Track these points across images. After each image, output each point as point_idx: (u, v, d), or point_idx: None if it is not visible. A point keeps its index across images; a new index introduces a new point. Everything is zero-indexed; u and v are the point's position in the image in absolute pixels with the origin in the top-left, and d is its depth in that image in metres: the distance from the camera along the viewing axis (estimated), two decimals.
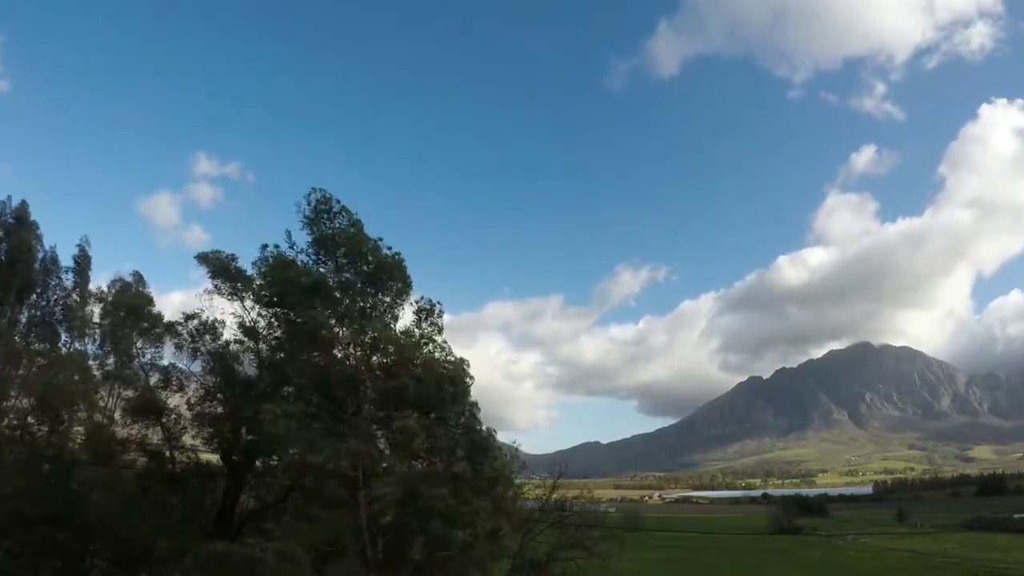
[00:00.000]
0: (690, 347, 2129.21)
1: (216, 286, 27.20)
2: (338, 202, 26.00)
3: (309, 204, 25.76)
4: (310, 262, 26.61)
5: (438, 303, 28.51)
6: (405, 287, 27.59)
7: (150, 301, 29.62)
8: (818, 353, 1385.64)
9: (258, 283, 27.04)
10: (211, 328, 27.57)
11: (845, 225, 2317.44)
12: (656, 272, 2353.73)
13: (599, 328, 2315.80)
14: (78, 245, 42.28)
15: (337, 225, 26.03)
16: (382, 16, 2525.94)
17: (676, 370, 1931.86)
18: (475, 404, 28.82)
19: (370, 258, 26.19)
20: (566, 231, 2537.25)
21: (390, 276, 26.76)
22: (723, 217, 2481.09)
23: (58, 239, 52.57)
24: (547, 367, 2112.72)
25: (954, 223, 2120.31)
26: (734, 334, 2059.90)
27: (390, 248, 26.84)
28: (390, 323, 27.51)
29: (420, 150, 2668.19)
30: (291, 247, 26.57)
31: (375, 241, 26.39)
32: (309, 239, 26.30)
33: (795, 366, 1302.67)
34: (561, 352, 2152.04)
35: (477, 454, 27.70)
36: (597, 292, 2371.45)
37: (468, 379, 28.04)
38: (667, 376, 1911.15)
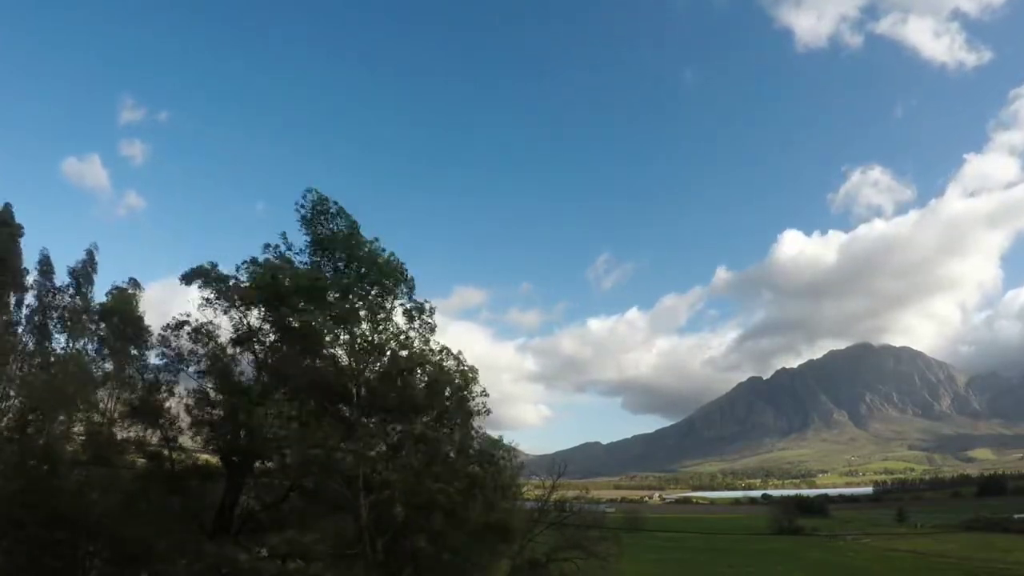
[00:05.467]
0: (676, 343, 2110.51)
1: (206, 299, 27.13)
2: (335, 203, 25.95)
3: (306, 205, 25.76)
4: (309, 264, 26.52)
5: (428, 302, 28.21)
6: (407, 287, 27.47)
7: (134, 307, 29.76)
8: (818, 353, 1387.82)
9: (247, 288, 26.91)
10: (204, 334, 27.45)
11: (852, 211, 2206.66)
12: (640, 264, 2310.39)
13: (578, 320, 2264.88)
14: (86, 250, 42.49)
15: (335, 227, 25.97)
16: None
17: (661, 366, 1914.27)
18: (482, 409, 28.75)
19: (366, 260, 26.07)
20: (542, 218, 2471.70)
21: (387, 277, 26.63)
22: (714, 204, 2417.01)
23: None
24: (524, 360, 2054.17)
25: (969, 210, 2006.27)
26: (724, 330, 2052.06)
27: (384, 249, 26.76)
28: (385, 324, 27.36)
29: (375, 116, 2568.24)
30: (288, 248, 26.48)
31: (369, 242, 26.33)
32: (307, 240, 26.26)
33: (795, 366, 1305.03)
34: (539, 345, 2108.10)
35: (481, 458, 27.65)
36: (577, 282, 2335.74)
37: (475, 386, 28.00)
38: (652, 372, 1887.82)
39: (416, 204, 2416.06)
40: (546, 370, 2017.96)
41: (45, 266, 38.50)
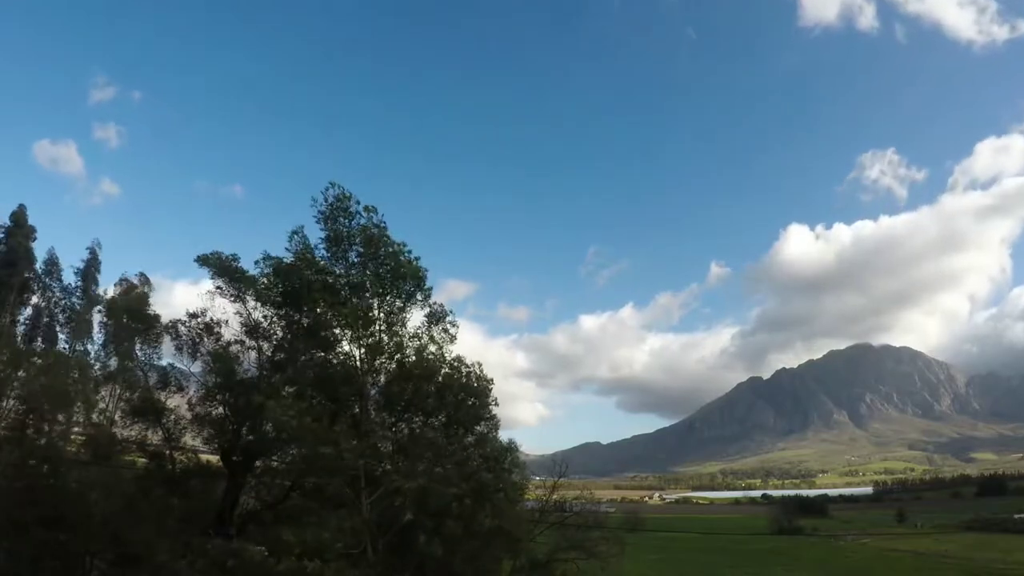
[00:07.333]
0: (672, 340, 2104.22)
1: (219, 287, 27.17)
2: (358, 201, 25.40)
3: (325, 200, 25.20)
4: (323, 259, 26.23)
5: (450, 311, 27.96)
6: (421, 291, 27.23)
7: (146, 302, 29.81)
8: (817, 353, 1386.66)
9: (262, 283, 26.96)
10: (212, 328, 27.59)
11: (856, 204, 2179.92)
12: (636, 260, 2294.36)
13: (570, 317, 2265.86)
14: (88, 248, 42.45)
15: (355, 224, 25.47)
16: None
17: (657, 364, 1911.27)
18: (494, 416, 28.73)
19: (386, 260, 25.80)
20: (534, 213, 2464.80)
21: (404, 279, 26.43)
22: (712, 199, 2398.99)
23: None
24: (515, 356, 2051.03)
25: (980, 201, 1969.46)
26: (720, 328, 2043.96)
27: (410, 252, 26.45)
28: (400, 327, 27.27)
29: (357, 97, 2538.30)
30: (303, 243, 26.16)
31: (396, 244, 25.95)
32: (322, 235, 25.80)
33: (795, 367, 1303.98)
34: (531, 341, 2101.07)
35: (491, 463, 27.63)
36: (569, 278, 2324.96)
37: (491, 395, 27.94)
38: (647, 370, 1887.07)
39: (404, 196, 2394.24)
40: (538, 367, 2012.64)
41: (51, 266, 38.43)
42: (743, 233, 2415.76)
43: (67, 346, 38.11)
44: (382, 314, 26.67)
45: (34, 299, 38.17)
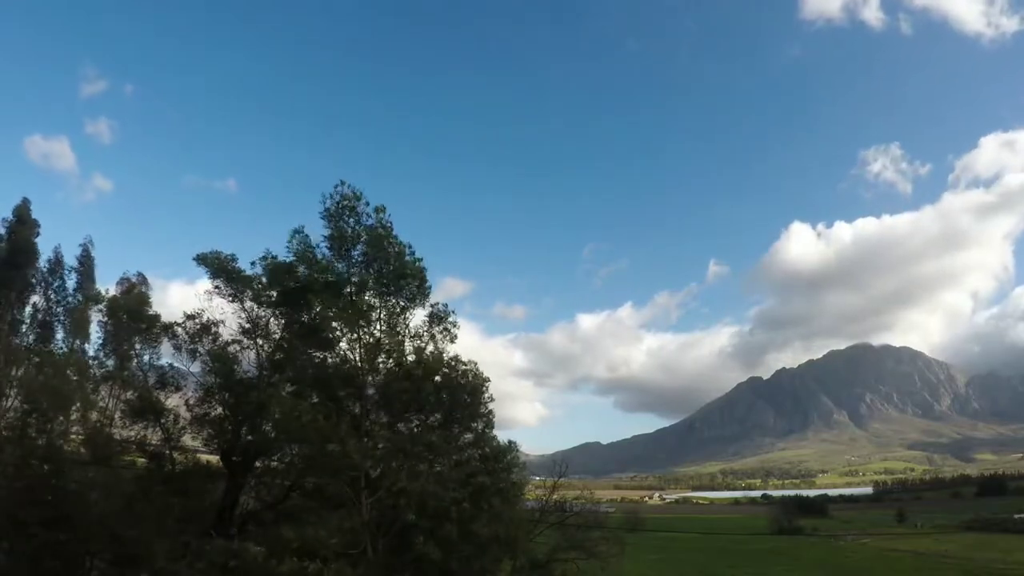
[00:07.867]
0: (670, 340, 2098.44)
1: (217, 287, 27.14)
2: (367, 203, 25.28)
3: (333, 198, 25.08)
4: (325, 258, 26.12)
5: (452, 311, 27.92)
6: (421, 292, 27.22)
7: (147, 302, 29.78)
8: (817, 353, 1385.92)
9: (260, 283, 26.94)
10: (210, 329, 27.53)
11: (855, 204, 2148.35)
12: (635, 259, 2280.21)
13: (568, 316, 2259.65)
14: (81, 245, 42.27)
15: (362, 224, 25.32)
16: None
17: (655, 363, 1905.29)
18: (491, 414, 28.70)
19: (390, 261, 25.76)
20: (533, 211, 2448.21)
21: (407, 279, 26.40)
22: (712, 198, 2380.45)
23: None
24: (512, 355, 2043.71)
25: (983, 199, 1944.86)
26: (719, 328, 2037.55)
27: (413, 252, 26.43)
28: (401, 326, 27.26)
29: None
30: (303, 243, 26.00)
31: (400, 244, 25.89)
32: (326, 233, 25.64)
33: (795, 366, 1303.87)
34: (528, 340, 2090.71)
35: (490, 463, 27.64)
36: (567, 278, 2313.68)
37: (486, 392, 27.94)
38: (645, 369, 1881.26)
39: (401, 195, 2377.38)
40: (536, 366, 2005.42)
41: (56, 264, 38.25)
42: (743, 232, 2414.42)
43: (65, 346, 38.00)
44: (384, 314, 26.67)
45: (35, 298, 38.00)
